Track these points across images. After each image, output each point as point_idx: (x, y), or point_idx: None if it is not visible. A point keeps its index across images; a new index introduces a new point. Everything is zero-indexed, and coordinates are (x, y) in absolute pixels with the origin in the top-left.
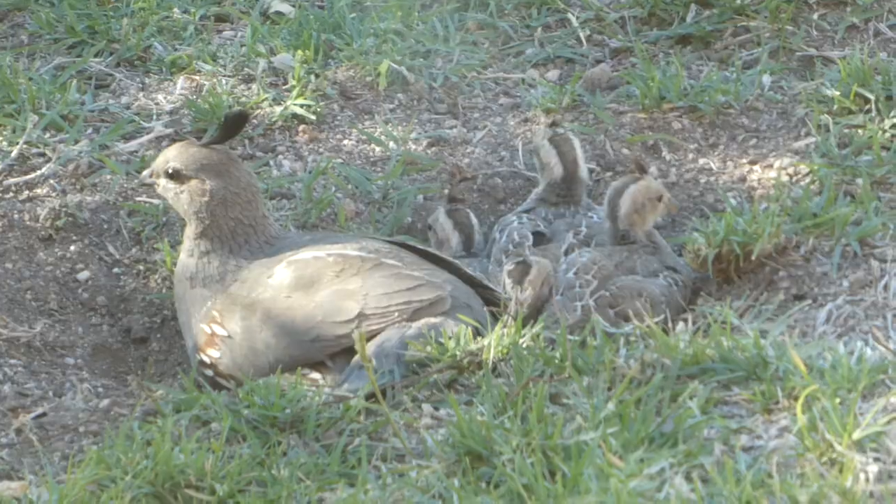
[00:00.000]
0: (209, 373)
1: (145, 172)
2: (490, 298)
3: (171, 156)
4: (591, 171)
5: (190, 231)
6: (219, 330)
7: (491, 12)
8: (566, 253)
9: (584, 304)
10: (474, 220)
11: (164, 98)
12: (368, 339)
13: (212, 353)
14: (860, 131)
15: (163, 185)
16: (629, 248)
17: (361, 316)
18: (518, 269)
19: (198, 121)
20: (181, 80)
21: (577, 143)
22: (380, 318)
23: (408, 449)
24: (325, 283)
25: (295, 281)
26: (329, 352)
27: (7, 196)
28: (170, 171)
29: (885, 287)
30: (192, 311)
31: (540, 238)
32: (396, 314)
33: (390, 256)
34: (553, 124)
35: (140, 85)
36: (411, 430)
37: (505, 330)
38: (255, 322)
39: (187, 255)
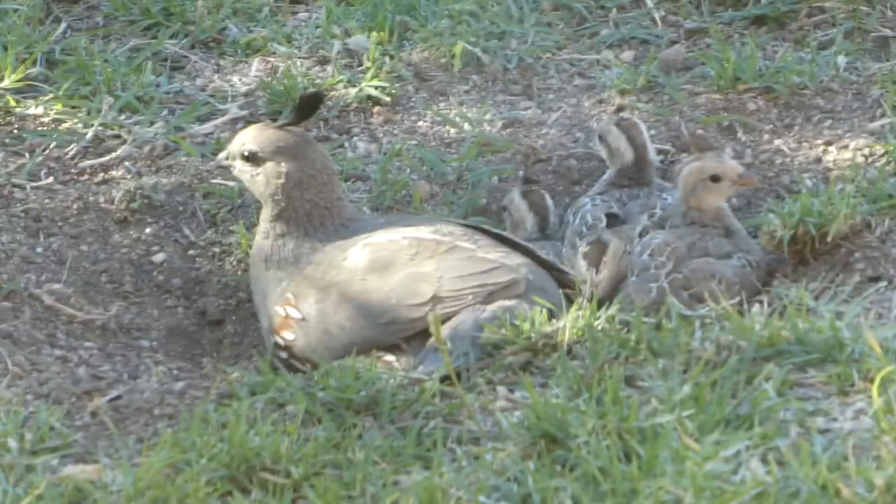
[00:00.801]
0: (284, 355)
1: (221, 155)
2: (564, 281)
3: (247, 138)
4: (665, 152)
5: (265, 213)
6: (293, 312)
7: None
8: (640, 235)
9: (659, 285)
10: (549, 202)
11: (239, 80)
12: (443, 322)
13: (286, 336)
14: None
15: (239, 167)
16: (701, 230)
17: (436, 299)
18: (593, 249)
19: (272, 103)
20: (256, 62)
21: (643, 126)
22: (454, 300)
23: (483, 431)
24: (399, 265)
25: (370, 264)
26: (404, 334)
27: (82, 178)
28: (245, 153)
29: None
30: (267, 293)
31: (613, 220)
32: (471, 297)
33: (465, 239)
34: (619, 109)
35: (215, 67)
36: (486, 413)
37: (580, 312)
38: (330, 304)
39: (262, 237)
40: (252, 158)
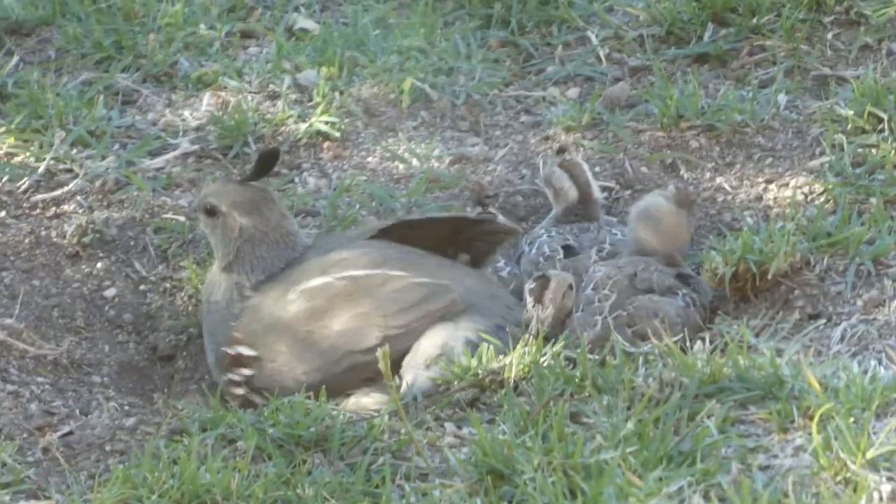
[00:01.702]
0: (241, 391)
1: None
2: (495, 228)
3: (209, 191)
4: (610, 189)
5: (217, 259)
6: (245, 350)
7: (512, 30)
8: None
9: (603, 317)
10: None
11: (191, 114)
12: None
13: (244, 372)
14: (874, 150)
15: (202, 219)
16: (646, 259)
17: (386, 339)
18: (538, 285)
19: (223, 137)
20: (207, 97)
21: (585, 166)
22: (404, 336)
23: (431, 468)
24: (338, 310)
25: (309, 312)
26: (366, 375)
27: (34, 212)
28: (207, 206)
29: None
30: (215, 332)
31: (569, 251)
32: (417, 327)
33: (396, 265)
34: (561, 150)
35: (166, 101)
36: (434, 449)
37: (526, 348)
38: (284, 347)
39: (213, 277)
40: (212, 212)
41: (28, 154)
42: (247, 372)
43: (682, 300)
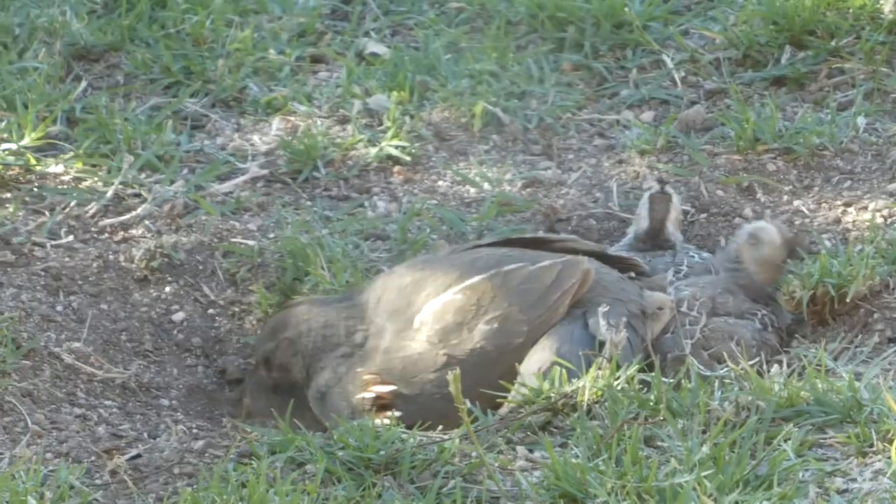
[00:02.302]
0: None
1: None
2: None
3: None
4: (685, 212)
5: None
6: (382, 389)
7: (586, 53)
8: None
9: (694, 340)
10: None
11: (260, 139)
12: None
13: (393, 414)
14: None
15: None
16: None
17: (531, 332)
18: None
19: (293, 162)
20: (276, 121)
21: (675, 203)
22: (545, 324)
23: (503, 491)
24: (471, 322)
25: (442, 333)
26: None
27: (102, 237)
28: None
29: None
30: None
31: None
32: (559, 310)
33: (510, 262)
34: (661, 181)
35: (235, 125)
36: (506, 473)
37: (599, 372)
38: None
39: None
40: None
41: (96, 179)
42: (399, 413)
43: (759, 322)
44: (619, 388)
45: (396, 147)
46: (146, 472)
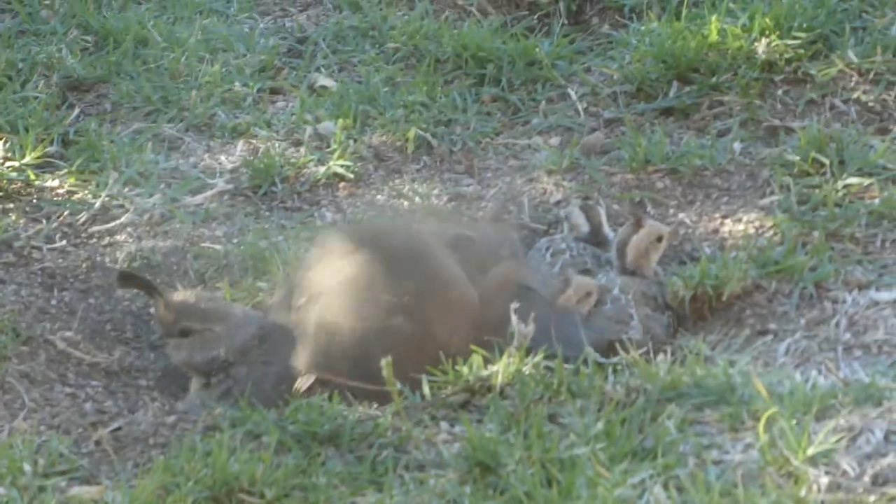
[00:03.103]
0: None
1: None
2: None
3: None
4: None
5: None
6: None
7: (503, 87)
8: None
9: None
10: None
11: (226, 159)
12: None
13: None
14: (817, 191)
15: None
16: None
17: None
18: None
19: (254, 178)
20: (240, 144)
21: (603, 210)
22: None
23: (427, 460)
24: None
25: None
26: None
27: (91, 241)
28: None
29: (837, 325)
30: None
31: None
32: None
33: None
34: (585, 197)
35: (206, 147)
36: (430, 444)
37: (510, 359)
38: None
39: None
40: None
41: (86, 192)
42: None
43: (667, 319)
44: (527, 372)
45: (342, 166)
46: (126, 442)
